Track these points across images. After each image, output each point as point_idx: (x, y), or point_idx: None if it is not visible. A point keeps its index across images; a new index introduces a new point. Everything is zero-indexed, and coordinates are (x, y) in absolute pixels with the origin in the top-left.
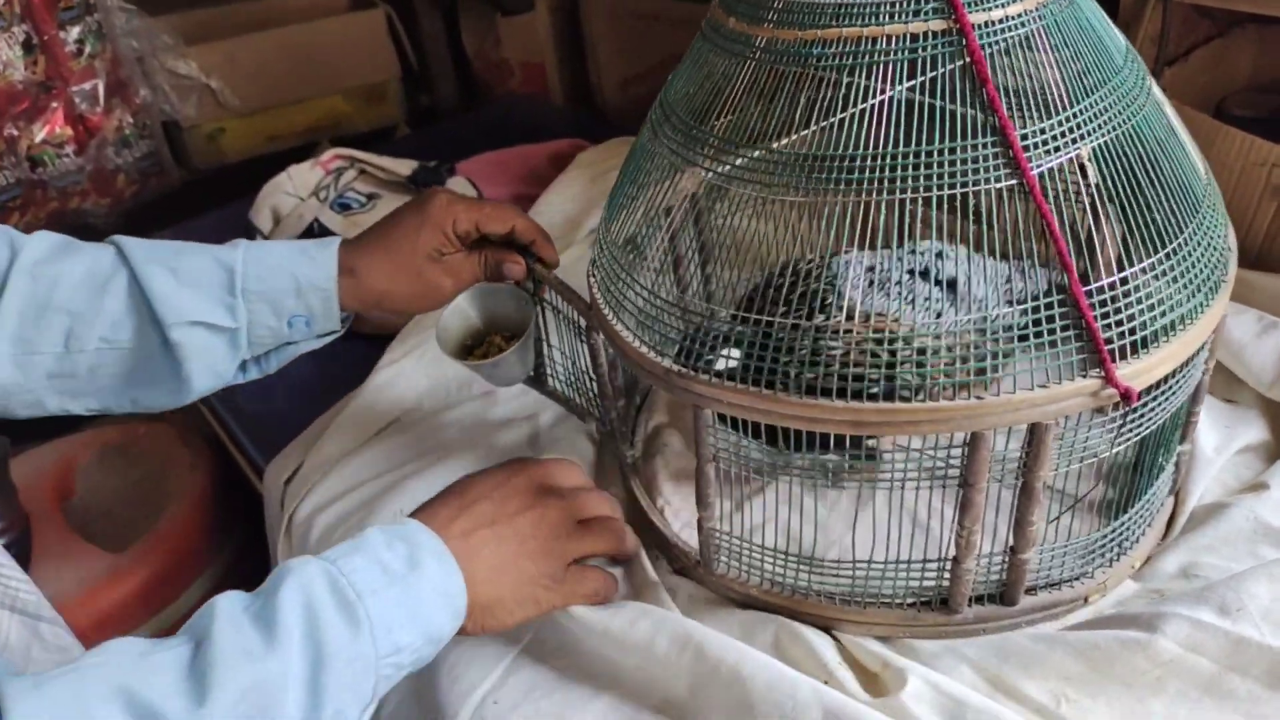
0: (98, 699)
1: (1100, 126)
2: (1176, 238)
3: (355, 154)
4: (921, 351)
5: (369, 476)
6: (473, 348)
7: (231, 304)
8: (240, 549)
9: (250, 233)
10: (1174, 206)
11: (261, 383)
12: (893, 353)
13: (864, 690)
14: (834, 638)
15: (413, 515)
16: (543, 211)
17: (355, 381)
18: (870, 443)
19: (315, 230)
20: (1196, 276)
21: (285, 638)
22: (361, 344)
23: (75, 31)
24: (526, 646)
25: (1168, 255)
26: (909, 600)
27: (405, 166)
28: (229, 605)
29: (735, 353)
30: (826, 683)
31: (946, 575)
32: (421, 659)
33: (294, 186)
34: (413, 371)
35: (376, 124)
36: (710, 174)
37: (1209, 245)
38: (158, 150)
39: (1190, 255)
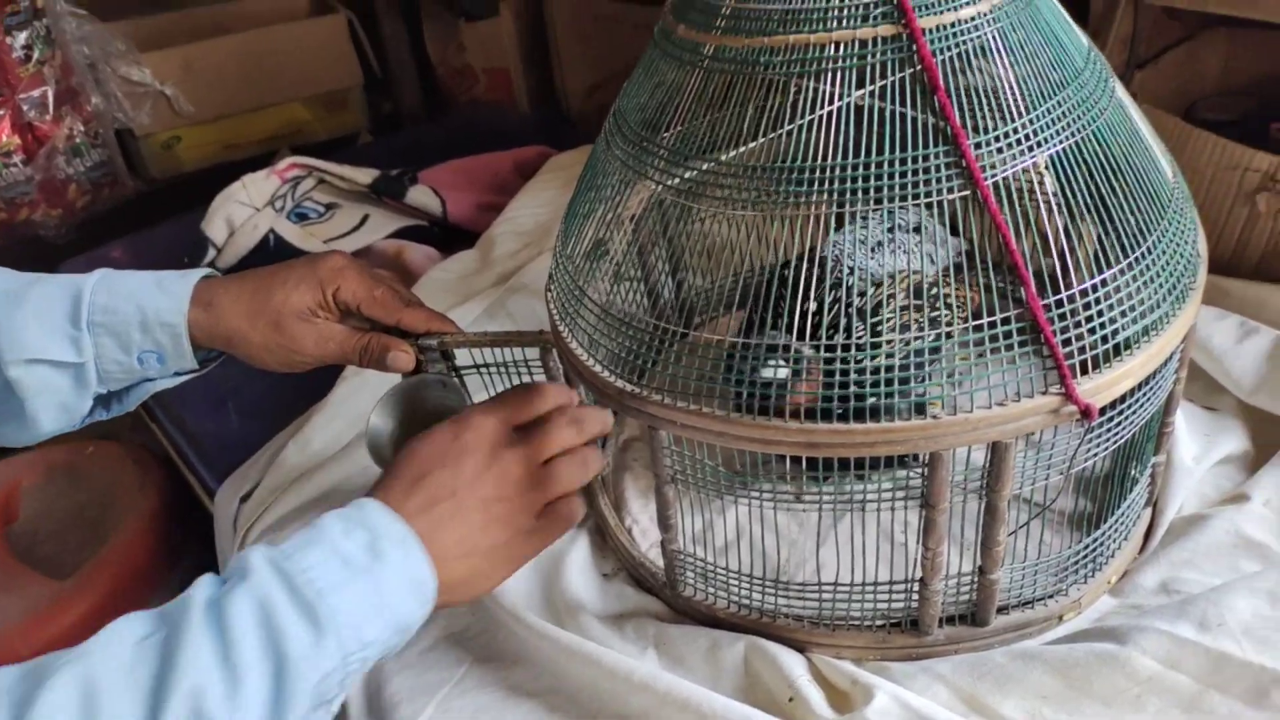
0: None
1: (1059, 132)
2: (1142, 244)
3: (314, 162)
4: (875, 370)
5: (330, 494)
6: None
7: (75, 336)
8: (192, 572)
9: (203, 245)
10: (1138, 211)
11: (212, 401)
12: (858, 371)
13: (830, 708)
14: (806, 656)
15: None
16: (514, 217)
17: (311, 399)
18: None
19: (271, 241)
20: (1164, 284)
21: (240, 648)
22: None
23: (22, 37)
24: (471, 667)
25: (1133, 263)
26: (879, 622)
27: (365, 175)
28: (201, 594)
29: (783, 365)
30: (791, 700)
31: (915, 597)
32: (391, 649)
33: (248, 196)
34: (378, 383)
35: (338, 132)
36: (660, 187)
37: (1176, 251)
38: (111, 159)
39: (1156, 262)
